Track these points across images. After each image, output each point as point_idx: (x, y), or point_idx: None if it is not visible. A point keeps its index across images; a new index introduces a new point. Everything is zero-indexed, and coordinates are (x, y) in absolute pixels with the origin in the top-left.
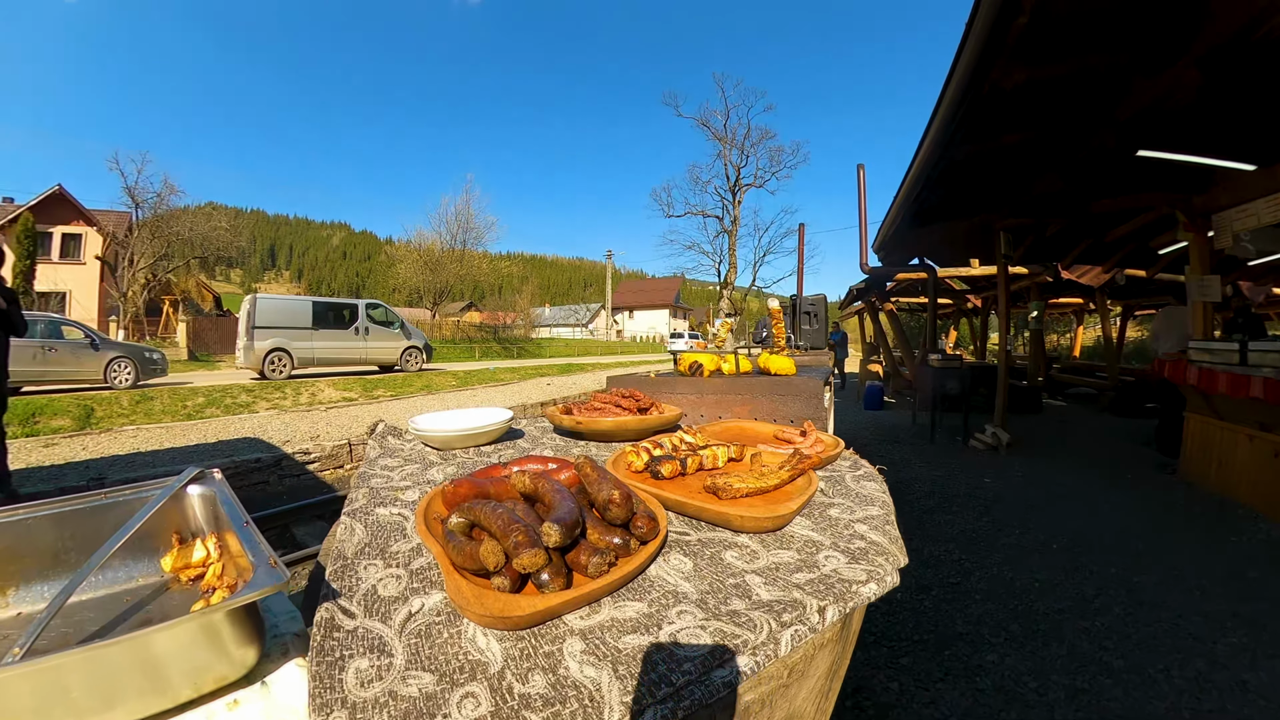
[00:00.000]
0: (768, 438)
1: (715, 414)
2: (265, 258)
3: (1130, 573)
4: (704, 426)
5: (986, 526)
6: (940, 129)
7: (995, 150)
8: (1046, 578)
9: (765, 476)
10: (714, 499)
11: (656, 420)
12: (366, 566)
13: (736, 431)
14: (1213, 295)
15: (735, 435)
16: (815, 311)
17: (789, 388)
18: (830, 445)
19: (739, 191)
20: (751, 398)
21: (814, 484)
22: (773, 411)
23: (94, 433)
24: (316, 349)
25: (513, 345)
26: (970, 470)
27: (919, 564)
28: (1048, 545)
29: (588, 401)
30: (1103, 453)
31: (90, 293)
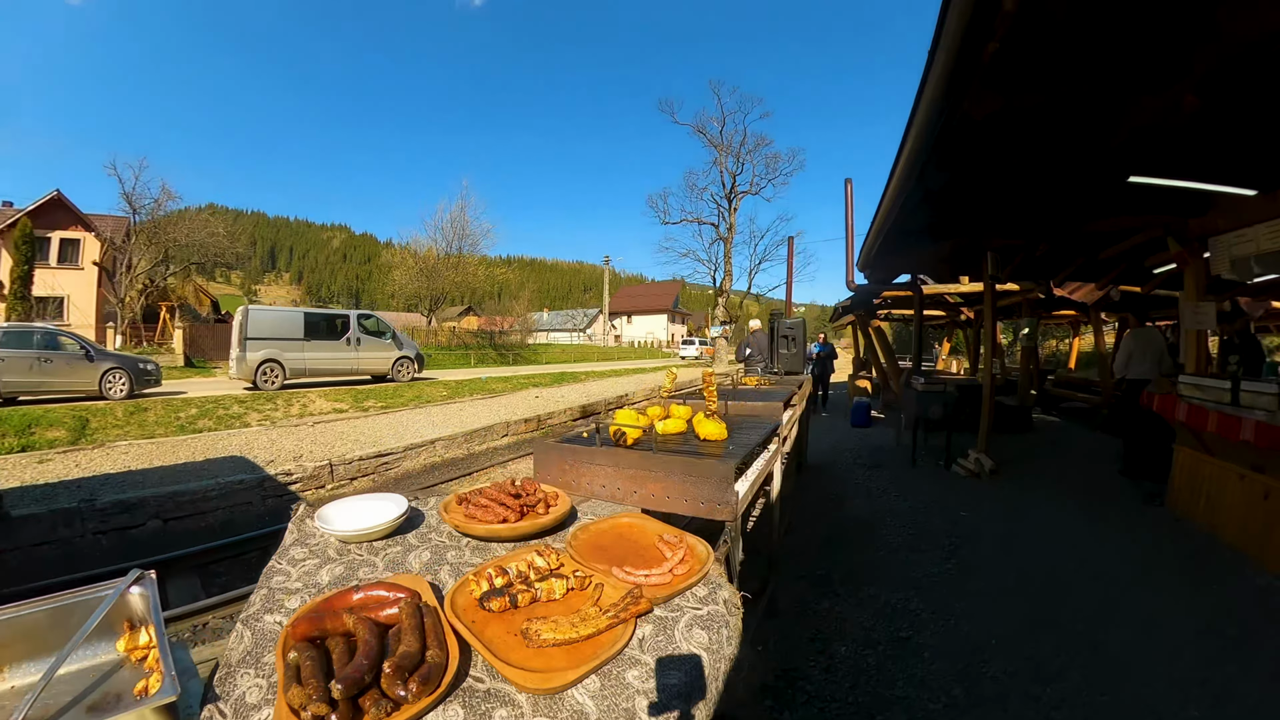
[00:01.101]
0: (650, 543)
1: (631, 489)
2: (265, 260)
3: (1098, 627)
4: (587, 525)
5: (953, 570)
6: (910, 159)
7: (974, 178)
8: (1006, 632)
9: (582, 624)
10: (517, 645)
11: (528, 527)
12: (243, 675)
13: (622, 531)
14: (1208, 324)
15: (618, 537)
16: (793, 335)
17: (700, 470)
18: (694, 566)
19: (735, 199)
20: (665, 475)
21: (624, 638)
22: (684, 492)
23: (87, 448)
24: (308, 360)
25: (509, 351)
26: (948, 501)
27: (872, 614)
28: (1016, 592)
29: (482, 492)
30: (1091, 479)
31: (88, 298)
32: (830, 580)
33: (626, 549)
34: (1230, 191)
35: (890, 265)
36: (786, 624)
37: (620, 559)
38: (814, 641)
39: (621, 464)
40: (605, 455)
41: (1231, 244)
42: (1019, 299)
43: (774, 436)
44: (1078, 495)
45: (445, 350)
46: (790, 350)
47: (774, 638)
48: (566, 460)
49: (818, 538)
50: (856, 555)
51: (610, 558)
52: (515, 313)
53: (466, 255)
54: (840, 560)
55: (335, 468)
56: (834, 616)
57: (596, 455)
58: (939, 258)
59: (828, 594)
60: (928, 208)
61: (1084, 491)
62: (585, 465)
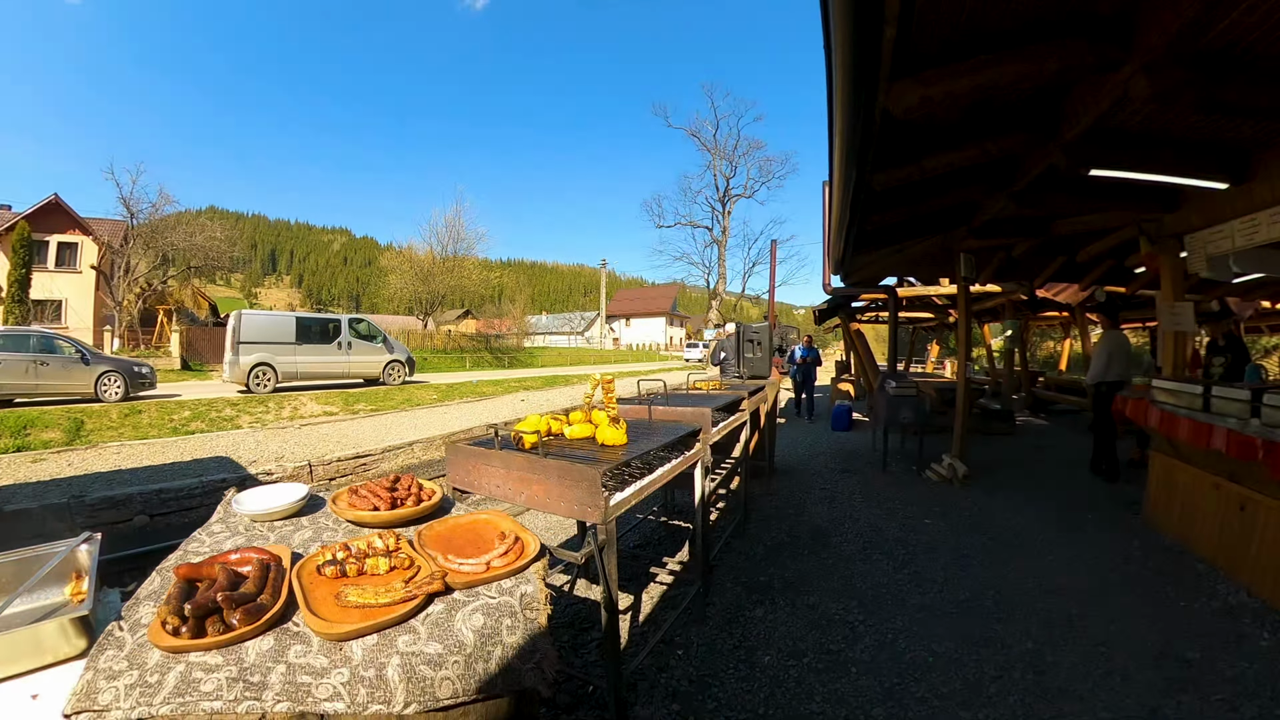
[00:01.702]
0: (491, 538)
1: (520, 490)
2: (266, 263)
3: (1049, 647)
4: (448, 519)
5: (904, 580)
6: (843, 163)
7: (922, 178)
8: (946, 650)
9: (385, 594)
10: (331, 603)
11: (389, 517)
12: (145, 605)
13: (474, 526)
14: (1186, 325)
15: (468, 531)
16: (759, 339)
17: (573, 475)
18: (513, 561)
19: (729, 202)
20: (545, 478)
21: (407, 609)
22: (561, 495)
23: (80, 449)
24: (300, 364)
25: (504, 355)
26: (914, 508)
27: (806, 625)
28: (967, 606)
29: (367, 484)
30: (1070, 485)
31: (86, 301)
32: (770, 588)
33: (467, 541)
34: (1200, 185)
35: (864, 268)
36: (713, 630)
37: (456, 549)
38: (738, 649)
39: (511, 466)
40: (499, 458)
41: (1207, 241)
42: (1002, 300)
43: (693, 440)
44: (1051, 503)
45: (441, 354)
46: (755, 354)
47: (697, 643)
48: (470, 461)
49: (768, 543)
50: (804, 563)
51: (448, 547)
52: (512, 316)
53: (462, 258)
54: (786, 567)
55: (314, 468)
56: (765, 625)
57: (492, 458)
58: (917, 259)
59: (764, 601)
60: (878, 212)
61: (1059, 499)
62: (484, 466)
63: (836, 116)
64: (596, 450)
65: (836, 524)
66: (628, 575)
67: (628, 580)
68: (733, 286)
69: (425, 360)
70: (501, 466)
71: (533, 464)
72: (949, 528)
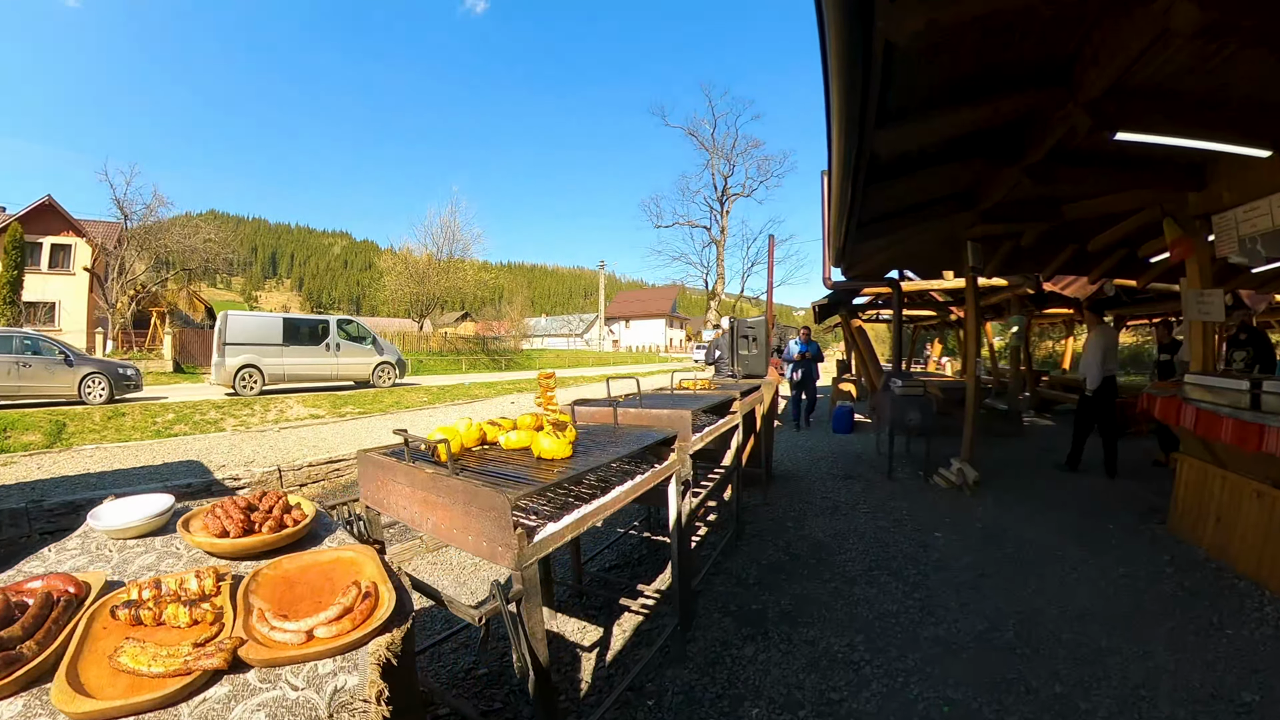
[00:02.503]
0: (340, 591)
1: (425, 514)
2: (266, 266)
3: (1079, 691)
4: (301, 556)
5: (913, 609)
6: (841, 111)
7: (930, 143)
8: (964, 697)
9: (166, 659)
10: (104, 661)
11: (237, 546)
12: None
13: (330, 570)
14: (1216, 313)
15: (319, 575)
16: (754, 336)
17: (480, 500)
18: (346, 631)
19: (727, 201)
20: (450, 504)
21: (175, 689)
22: (467, 525)
23: (53, 452)
24: (287, 365)
25: (501, 357)
26: (922, 520)
27: (804, 665)
28: (985, 638)
29: (225, 502)
30: (1084, 490)
31: (79, 304)
32: (764, 618)
33: (314, 589)
34: (1239, 152)
35: (865, 260)
36: (693, 673)
37: (294, 600)
38: (721, 699)
39: (416, 484)
40: (404, 473)
41: (1240, 221)
42: (1007, 295)
43: (666, 450)
44: (1067, 511)
45: (437, 356)
46: (751, 351)
47: (672, 690)
48: (379, 475)
49: (764, 562)
50: (802, 586)
51: (286, 596)
52: (510, 318)
53: (459, 260)
54: (783, 592)
55: (284, 473)
56: (755, 666)
57: (397, 472)
58: (920, 251)
59: (756, 636)
60: (881, 186)
61: (1076, 508)
62: (390, 482)
63: (831, 47)
64: (530, 466)
65: (839, 539)
66: (597, 604)
67: (596, 610)
68: (732, 286)
69: (420, 363)
70: (406, 484)
71: (436, 483)
72: (961, 542)
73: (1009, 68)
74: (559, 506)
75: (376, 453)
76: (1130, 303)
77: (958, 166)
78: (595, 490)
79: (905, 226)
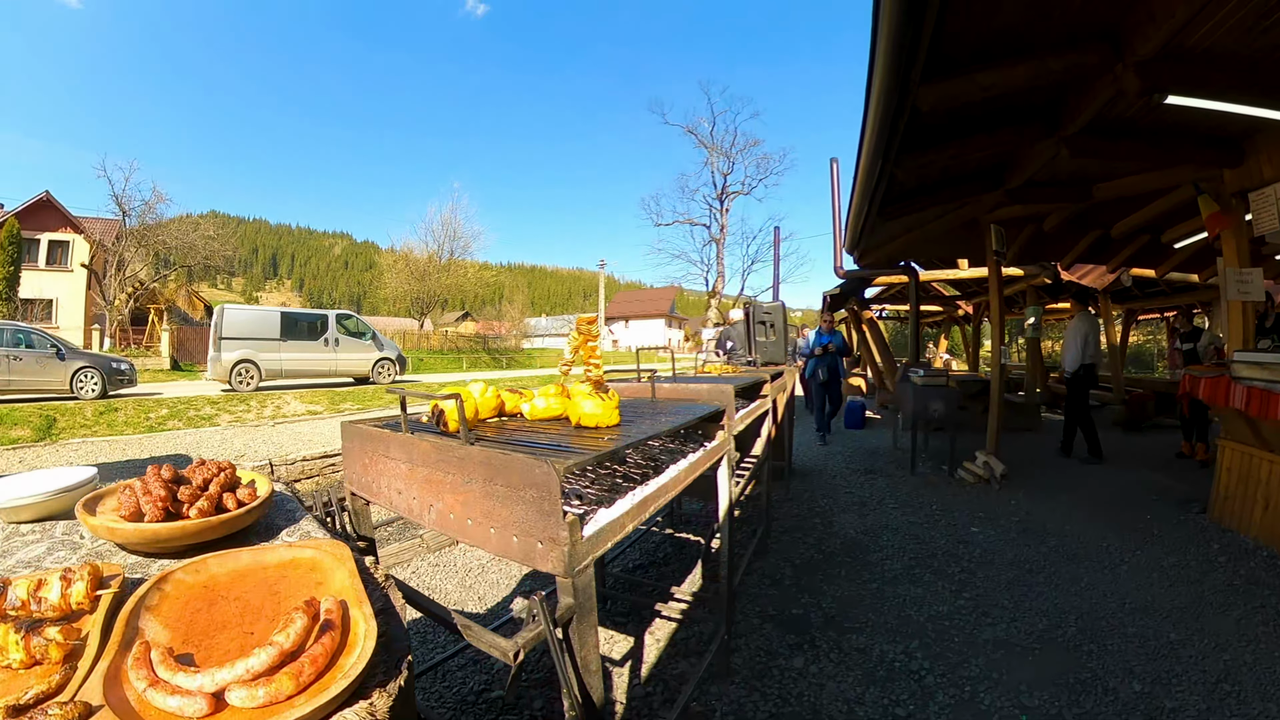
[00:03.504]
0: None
1: (427, 500)
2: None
3: (1162, 688)
4: (239, 554)
5: (966, 608)
6: (888, 64)
7: (975, 102)
8: (1041, 703)
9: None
10: None
11: (151, 533)
12: None
13: (275, 579)
14: (1256, 292)
15: (260, 587)
16: (771, 321)
17: (510, 476)
18: (279, 690)
19: (726, 199)
20: (464, 483)
21: None
22: (489, 513)
23: (37, 446)
24: (285, 360)
25: (502, 355)
26: (955, 514)
27: (861, 678)
28: (1048, 638)
29: (148, 475)
30: (1113, 484)
31: (77, 300)
32: (808, 623)
33: (242, 614)
34: None
35: (880, 246)
36: (741, 690)
37: (206, 631)
38: (778, 719)
39: (415, 460)
40: (400, 446)
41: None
42: (1024, 286)
43: (713, 428)
44: (1100, 503)
45: (438, 354)
46: (769, 338)
47: (720, 710)
48: (366, 451)
49: (796, 562)
50: (843, 587)
51: (195, 623)
52: (510, 318)
53: (459, 260)
54: (822, 594)
55: (276, 467)
56: (809, 680)
57: (391, 444)
58: (933, 240)
59: (803, 644)
60: (914, 149)
61: (1108, 500)
62: (381, 459)
63: None
64: (569, 435)
65: (872, 535)
66: (623, 609)
67: (623, 616)
68: (731, 284)
69: (421, 361)
70: (403, 460)
71: (445, 455)
72: (1000, 537)
73: (1059, 23)
74: (606, 490)
75: (366, 424)
76: (1142, 296)
77: (992, 137)
78: (645, 470)
79: (927, 207)
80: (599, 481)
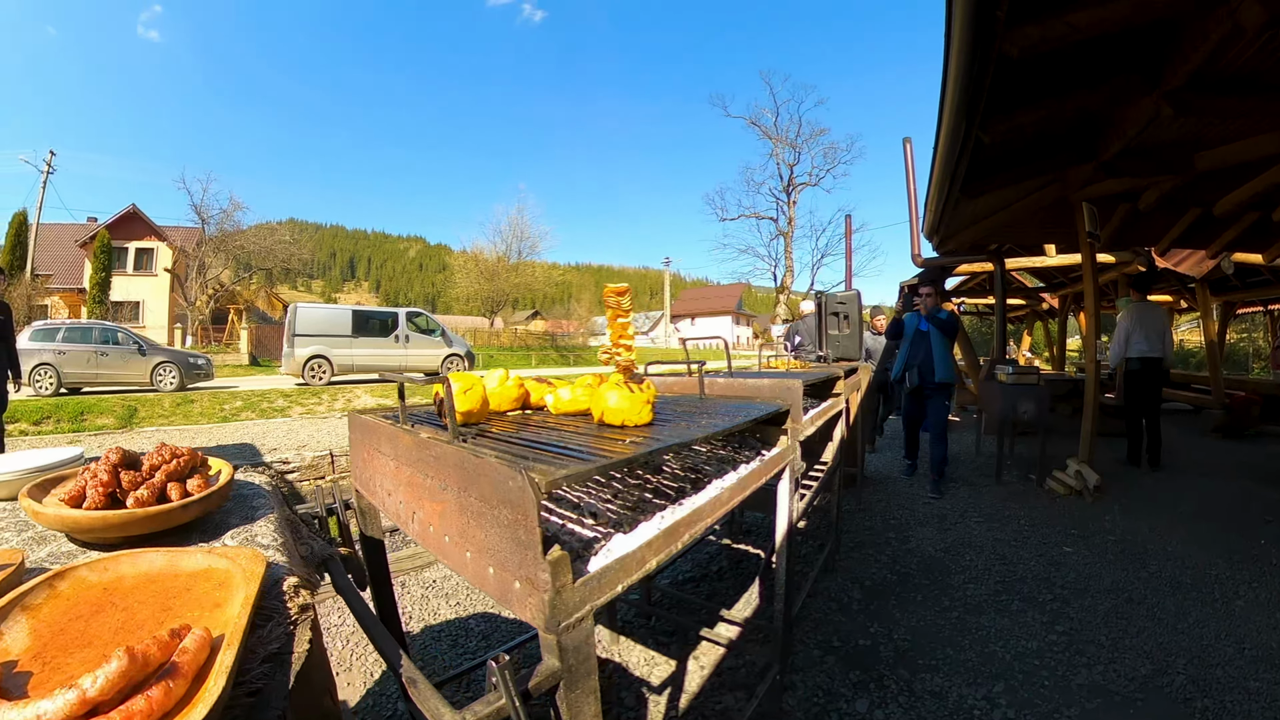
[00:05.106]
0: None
1: (411, 506)
2: (345, 270)
3: None
4: (142, 558)
5: (1059, 646)
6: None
7: (1070, 42)
8: None
9: None
10: None
11: (69, 521)
12: None
13: (176, 586)
14: None
15: (151, 600)
16: (845, 312)
17: (480, 486)
18: None
19: (793, 191)
20: (440, 489)
21: None
22: (463, 532)
23: (116, 433)
24: (356, 356)
25: (570, 353)
26: (1045, 530)
27: None
28: (1154, 686)
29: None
30: (1217, 499)
31: (161, 302)
32: (875, 657)
33: (124, 628)
34: None
35: (962, 229)
36: None
37: (74, 644)
38: None
39: (401, 457)
40: (389, 439)
41: None
42: (1115, 274)
43: (774, 432)
44: (1207, 523)
45: (507, 351)
46: (842, 330)
47: None
48: (365, 444)
49: (867, 583)
50: (919, 615)
51: (67, 633)
52: (578, 316)
53: (526, 260)
54: (895, 623)
55: (336, 458)
56: None
57: (382, 437)
58: (1016, 224)
59: (868, 684)
60: (1002, 109)
61: (1213, 518)
62: (375, 454)
63: None
64: (587, 434)
65: (954, 554)
66: (669, 627)
67: (668, 636)
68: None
69: (491, 357)
70: (391, 456)
71: (423, 453)
72: (1095, 559)
73: None
74: (631, 506)
75: (371, 414)
76: (1243, 286)
77: (1093, 92)
78: (683, 485)
79: (1013, 182)
80: (625, 495)
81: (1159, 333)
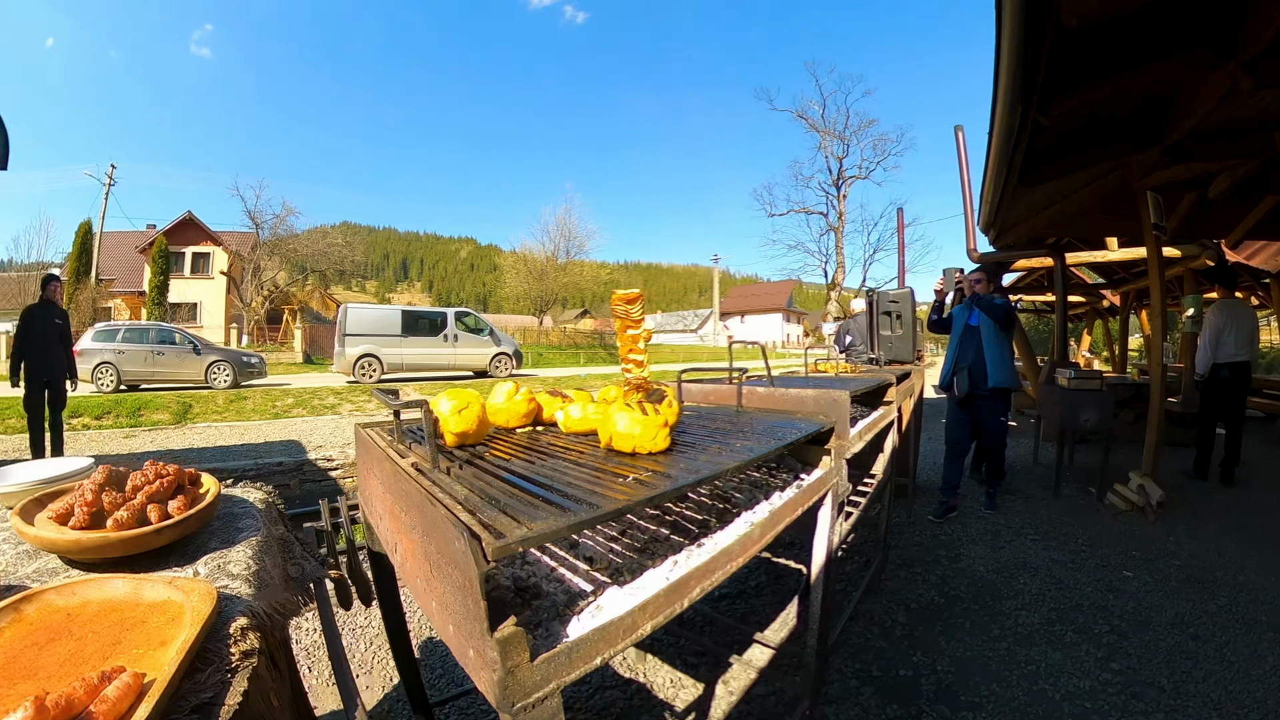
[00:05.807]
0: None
1: (395, 534)
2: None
3: None
4: (107, 583)
5: (1113, 685)
6: None
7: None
8: None
9: None
10: None
11: (48, 543)
12: None
13: (129, 619)
14: None
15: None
16: (898, 311)
17: (444, 543)
18: None
19: (843, 185)
20: (410, 528)
21: None
22: (429, 580)
23: (168, 429)
24: (406, 355)
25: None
26: (1104, 551)
27: None
28: None
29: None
30: None
31: (218, 303)
32: (916, 690)
33: (69, 660)
34: None
35: (1019, 222)
36: None
37: (22, 673)
38: None
39: (386, 484)
40: (378, 462)
41: None
42: (1181, 269)
43: (816, 451)
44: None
45: (557, 349)
46: (895, 331)
47: None
48: (364, 462)
49: (912, 605)
50: (965, 644)
51: (19, 660)
52: None
53: (575, 259)
54: (940, 652)
55: None
56: None
57: (374, 459)
58: (1076, 216)
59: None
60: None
61: None
62: (369, 475)
63: None
64: (590, 464)
65: (1006, 576)
66: (695, 649)
67: (697, 657)
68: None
69: (540, 355)
70: (379, 480)
71: (399, 484)
72: (1158, 585)
73: None
74: (639, 547)
75: (376, 430)
76: None
77: (1160, 64)
78: (708, 515)
79: (1071, 171)
80: (635, 531)
81: (1249, 334)
